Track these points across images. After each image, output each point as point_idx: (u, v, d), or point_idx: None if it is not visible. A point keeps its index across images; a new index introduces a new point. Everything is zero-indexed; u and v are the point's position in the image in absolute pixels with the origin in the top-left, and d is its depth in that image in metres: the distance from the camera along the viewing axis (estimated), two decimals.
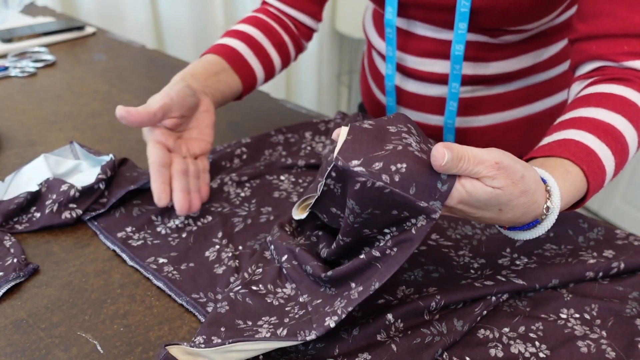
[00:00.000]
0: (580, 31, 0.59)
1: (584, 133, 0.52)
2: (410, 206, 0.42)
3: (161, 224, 0.62)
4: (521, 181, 0.42)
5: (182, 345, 0.44)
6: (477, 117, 0.80)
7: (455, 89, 0.76)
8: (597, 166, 0.50)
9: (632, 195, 1.88)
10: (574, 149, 0.50)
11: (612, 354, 0.46)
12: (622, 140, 0.52)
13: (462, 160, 0.41)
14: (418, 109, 0.82)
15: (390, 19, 0.74)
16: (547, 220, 0.46)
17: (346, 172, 0.42)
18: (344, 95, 2.42)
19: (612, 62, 0.57)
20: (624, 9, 0.56)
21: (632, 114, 0.54)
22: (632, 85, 0.56)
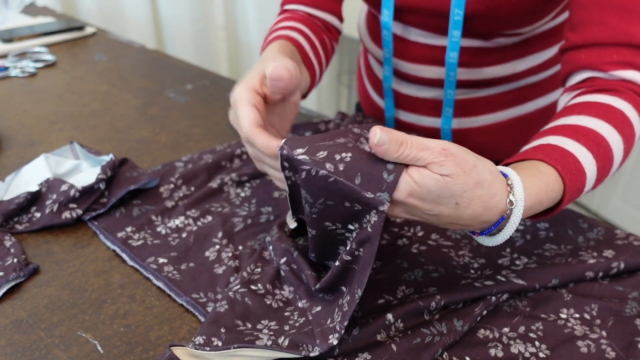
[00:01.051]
0: (570, 40, 0.59)
1: (563, 138, 0.50)
2: (356, 197, 0.41)
3: (161, 224, 0.62)
4: (473, 170, 0.41)
5: (187, 348, 0.44)
6: (471, 118, 0.80)
7: (450, 95, 0.76)
8: (574, 167, 0.48)
9: (632, 195, 1.88)
10: (549, 151, 0.49)
11: (612, 354, 0.46)
12: (604, 145, 0.51)
13: (403, 145, 0.39)
14: (413, 111, 0.83)
15: (386, 22, 0.74)
16: (513, 215, 0.43)
17: (292, 161, 0.42)
18: (343, 96, 2.42)
19: (601, 71, 0.56)
20: (613, 17, 0.55)
21: (617, 121, 0.52)
22: (620, 95, 0.55)
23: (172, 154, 0.77)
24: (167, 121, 0.85)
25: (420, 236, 0.60)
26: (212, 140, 0.80)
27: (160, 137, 0.81)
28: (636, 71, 0.55)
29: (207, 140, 0.80)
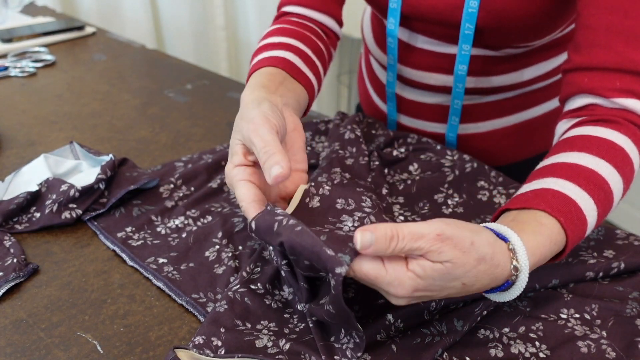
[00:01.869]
0: (573, 61, 0.57)
1: (564, 182, 0.49)
2: (317, 251, 0.39)
3: (161, 224, 0.62)
4: (472, 248, 0.40)
5: (191, 351, 0.44)
6: (476, 124, 0.80)
7: (457, 105, 0.75)
8: (576, 217, 0.47)
9: (632, 195, 1.88)
10: (551, 200, 0.47)
11: (612, 354, 0.46)
12: (605, 188, 0.50)
13: (393, 239, 0.38)
14: (417, 117, 0.82)
15: (392, 30, 0.73)
16: (519, 280, 0.44)
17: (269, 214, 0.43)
18: (343, 96, 2.42)
19: (602, 97, 0.55)
20: (620, 42, 0.53)
21: (617, 160, 0.51)
22: (620, 128, 0.53)
23: (172, 154, 0.77)
24: (167, 121, 0.85)
25: None
26: (212, 140, 0.80)
27: (160, 137, 0.81)
28: (637, 100, 0.54)
29: (207, 140, 0.80)
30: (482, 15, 0.64)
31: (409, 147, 0.73)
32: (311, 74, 0.64)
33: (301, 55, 0.64)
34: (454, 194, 0.66)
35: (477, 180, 0.68)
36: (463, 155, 0.70)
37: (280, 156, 0.44)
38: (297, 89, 0.60)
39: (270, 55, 0.62)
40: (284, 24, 0.70)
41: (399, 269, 0.40)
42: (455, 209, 0.64)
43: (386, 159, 0.71)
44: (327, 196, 0.47)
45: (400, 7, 0.70)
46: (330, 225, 0.44)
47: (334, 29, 0.74)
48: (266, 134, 0.46)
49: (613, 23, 0.54)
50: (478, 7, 0.64)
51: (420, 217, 0.63)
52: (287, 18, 0.72)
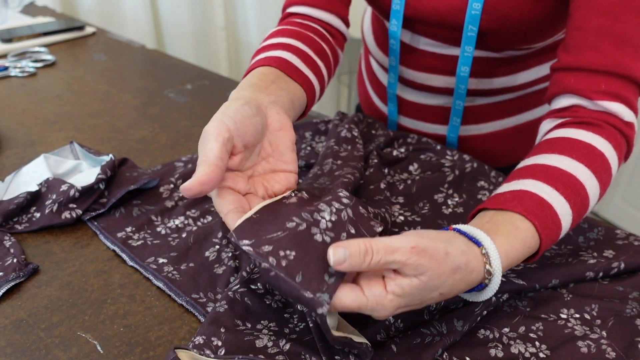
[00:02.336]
0: (562, 61, 0.57)
1: (542, 184, 0.49)
2: (296, 295, 0.40)
3: (161, 224, 0.62)
4: (447, 258, 0.40)
5: (192, 352, 0.44)
6: (477, 125, 0.80)
7: (459, 106, 0.75)
8: (551, 221, 0.48)
9: (632, 195, 1.88)
10: (527, 202, 0.48)
11: (612, 354, 0.46)
12: (582, 193, 0.50)
13: (368, 253, 0.38)
14: (418, 118, 0.82)
15: (395, 31, 0.73)
16: (492, 283, 0.44)
17: (238, 248, 0.42)
18: (343, 95, 2.42)
19: (587, 99, 0.55)
20: (608, 45, 0.54)
21: (596, 165, 0.52)
22: (602, 132, 0.54)
23: (172, 154, 0.77)
24: (167, 121, 0.85)
25: None
26: None
27: (160, 137, 0.81)
28: (621, 104, 0.55)
29: None
30: (485, 18, 0.64)
31: (409, 147, 0.73)
32: (311, 74, 0.62)
33: (301, 54, 0.62)
34: (454, 194, 0.66)
35: (477, 180, 0.68)
36: (463, 155, 0.70)
37: (201, 168, 0.42)
38: (293, 87, 0.57)
39: (267, 56, 0.60)
40: (286, 26, 0.68)
41: (379, 293, 0.40)
42: (455, 209, 0.64)
43: (386, 159, 0.71)
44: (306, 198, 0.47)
45: (403, 9, 0.70)
46: (307, 214, 0.44)
47: (340, 28, 0.73)
48: (210, 144, 0.44)
49: (603, 26, 0.54)
50: (481, 9, 0.64)
51: (420, 217, 0.63)
52: (291, 19, 0.71)
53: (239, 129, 0.45)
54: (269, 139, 0.49)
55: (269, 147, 0.49)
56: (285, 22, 0.71)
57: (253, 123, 0.46)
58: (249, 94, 0.50)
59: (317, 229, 0.43)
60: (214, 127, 0.44)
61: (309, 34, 0.67)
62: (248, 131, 0.46)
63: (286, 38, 0.64)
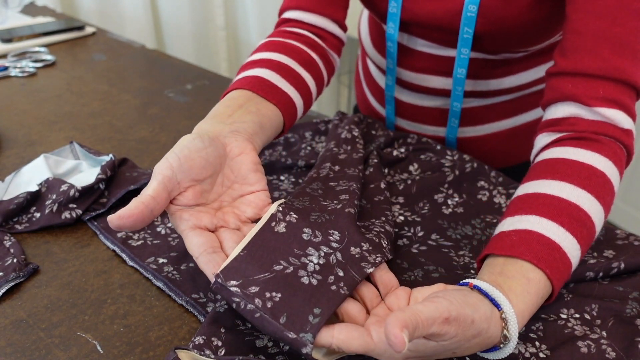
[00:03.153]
0: (559, 65, 0.56)
1: (547, 222, 0.48)
2: (280, 336, 0.40)
3: (161, 224, 0.62)
4: (472, 326, 0.40)
5: (192, 352, 0.44)
6: (474, 127, 0.80)
7: (457, 107, 0.75)
8: (561, 263, 0.47)
9: (632, 195, 1.88)
10: (536, 248, 0.46)
11: (612, 354, 0.46)
12: (588, 224, 0.49)
13: (417, 329, 0.36)
14: (415, 120, 0.82)
15: (392, 34, 0.73)
16: (507, 347, 0.43)
17: (224, 290, 0.43)
18: (343, 95, 2.42)
19: (585, 106, 0.54)
20: (606, 49, 0.53)
21: (599, 188, 0.50)
22: (601, 148, 0.53)
23: None
24: (167, 121, 0.85)
25: (420, 236, 0.60)
26: None
27: (160, 137, 0.81)
28: (620, 111, 0.54)
29: None
30: (480, 22, 0.64)
31: (409, 147, 0.73)
32: (291, 89, 0.61)
33: (281, 69, 0.62)
34: (454, 194, 0.66)
35: (477, 180, 0.68)
36: (463, 156, 0.70)
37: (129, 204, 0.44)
38: (263, 108, 0.57)
39: (244, 76, 0.60)
40: (276, 37, 0.68)
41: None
42: (455, 209, 0.64)
43: (386, 159, 0.71)
44: (294, 224, 0.47)
45: (400, 12, 0.70)
46: (295, 258, 0.45)
47: (336, 32, 0.72)
48: (151, 183, 0.46)
49: (601, 29, 0.53)
50: (477, 12, 0.64)
51: (420, 217, 0.63)
52: (283, 28, 0.71)
53: (182, 165, 0.46)
54: (230, 166, 0.50)
55: (231, 174, 0.50)
56: (275, 32, 0.70)
57: (202, 155, 0.47)
58: (208, 127, 0.51)
59: (304, 272, 0.44)
60: (158, 165, 0.46)
61: (297, 45, 0.66)
62: (195, 165, 0.47)
63: (270, 52, 0.64)
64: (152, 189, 0.44)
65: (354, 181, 0.59)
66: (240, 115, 0.54)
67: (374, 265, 0.46)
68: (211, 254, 0.45)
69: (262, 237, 0.46)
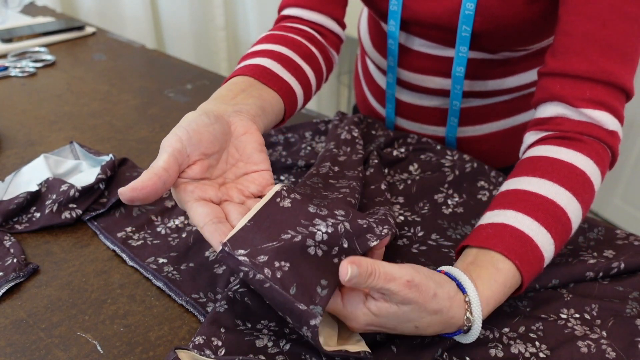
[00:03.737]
0: (548, 65, 0.57)
1: (522, 217, 0.49)
2: (290, 307, 0.41)
3: (161, 224, 0.62)
4: (433, 300, 0.41)
5: (192, 352, 0.44)
6: (475, 127, 0.80)
7: (456, 106, 0.75)
8: (533, 255, 0.48)
9: (632, 195, 1.88)
10: (508, 240, 0.47)
11: (612, 354, 0.46)
12: (563, 220, 0.50)
13: (371, 276, 0.39)
14: (415, 120, 0.82)
15: (393, 32, 0.73)
16: (472, 331, 0.44)
17: (231, 259, 0.42)
18: (343, 95, 2.42)
19: (571, 107, 0.55)
20: (595, 51, 0.54)
21: (578, 186, 0.51)
22: (583, 148, 0.53)
23: None
24: (167, 121, 0.85)
25: (420, 236, 0.60)
26: None
27: (160, 137, 0.81)
28: (606, 112, 0.54)
29: None
30: (478, 20, 0.65)
31: (409, 147, 0.73)
32: (292, 79, 0.62)
33: (282, 60, 0.62)
34: (454, 194, 0.66)
35: (477, 180, 0.68)
36: (463, 155, 0.70)
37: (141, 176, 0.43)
38: (265, 94, 0.57)
39: (245, 64, 0.61)
40: (275, 31, 0.69)
41: (356, 303, 0.42)
42: (455, 209, 0.64)
43: (386, 159, 0.71)
44: (299, 200, 0.47)
45: (400, 10, 0.70)
46: (303, 228, 0.44)
47: (335, 30, 0.73)
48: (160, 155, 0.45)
49: (590, 31, 0.54)
50: (475, 10, 0.64)
51: (420, 217, 0.63)
52: (283, 24, 0.71)
53: (191, 138, 0.46)
54: (235, 145, 0.50)
55: (235, 153, 0.50)
56: (276, 27, 0.71)
57: (210, 131, 0.47)
58: (211, 106, 0.51)
59: (312, 241, 0.43)
60: (167, 139, 0.46)
61: (297, 38, 0.67)
62: (203, 139, 0.47)
63: (271, 44, 0.65)
64: (163, 161, 0.44)
65: (354, 180, 0.59)
66: (243, 98, 0.54)
67: (379, 237, 0.46)
68: (217, 224, 0.44)
69: (268, 210, 0.45)
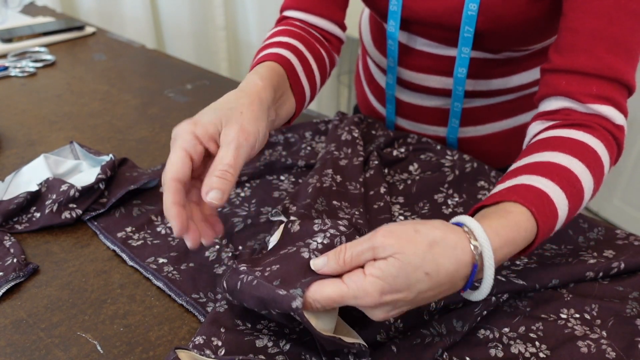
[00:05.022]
0: (554, 62, 0.57)
1: (537, 177, 0.49)
2: (272, 296, 0.41)
3: (161, 224, 0.62)
4: (417, 235, 0.40)
5: (192, 352, 0.44)
6: (475, 127, 0.80)
7: (457, 107, 0.75)
8: (548, 208, 0.47)
9: (632, 195, 1.88)
10: (523, 192, 0.47)
11: (612, 354, 0.46)
12: (577, 185, 0.50)
13: (341, 251, 0.40)
14: (415, 120, 0.82)
15: (393, 32, 0.73)
16: (485, 260, 0.42)
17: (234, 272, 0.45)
18: (344, 95, 2.42)
19: (578, 102, 0.55)
20: (602, 48, 0.54)
21: (590, 160, 0.52)
22: (593, 132, 0.54)
23: None
24: (167, 121, 0.85)
25: None
26: None
27: (160, 137, 0.81)
28: (612, 107, 0.55)
29: None
30: (481, 20, 0.64)
31: (409, 147, 0.73)
32: (307, 83, 0.63)
33: (303, 61, 0.63)
34: (454, 194, 0.66)
35: (477, 180, 0.68)
36: (463, 155, 0.70)
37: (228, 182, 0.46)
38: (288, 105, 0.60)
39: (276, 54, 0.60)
40: (288, 26, 0.69)
41: (357, 278, 0.40)
42: (455, 209, 0.64)
43: (386, 159, 0.71)
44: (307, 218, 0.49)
45: (400, 10, 0.70)
46: (301, 242, 0.46)
47: (337, 33, 0.73)
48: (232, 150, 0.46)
49: (597, 28, 0.54)
50: (477, 10, 0.64)
51: (420, 217, 0.63)
52: (289, 22, 0.71)
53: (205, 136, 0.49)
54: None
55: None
56: (285, 24, 0.71)
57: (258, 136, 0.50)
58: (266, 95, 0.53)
59: (306, 249, 0.45)
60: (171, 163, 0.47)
61: (310, 39, 0.67)
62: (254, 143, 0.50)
63: (292, 39, 0.65)
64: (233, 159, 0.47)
65: (355, 207, 0.60)
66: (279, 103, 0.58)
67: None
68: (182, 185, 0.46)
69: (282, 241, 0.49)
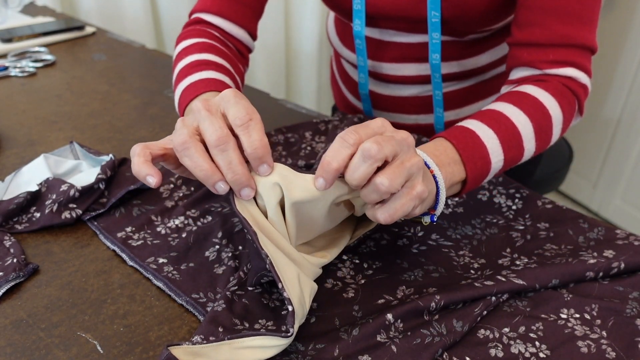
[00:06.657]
0: (515, 37, 0.64)
1: (471, 120, 0.57)
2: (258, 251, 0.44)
3: (161, 224, 0.62)
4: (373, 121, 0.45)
5: (184, 345, 0.44)
6: (455, 111, 0.82)
7: (439, 96, 0.77)
8: (469, 136, 0.54)
9: (632, 195, 1.88)
10: (451, 131, 0.55)
11: (612, 354, 0.46)
12: (513, 130, 0.57)
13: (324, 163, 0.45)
14: (394, 111, 0.83)
15: (359, 31, 0.74)
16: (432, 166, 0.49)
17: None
18: None
19: (538, 69, 0.63)
20: (553, 20, 0.61)
21: (533, 111, 0.58)
22: (546, 85, 0.61)
23: None
24: (167, 121, 0.85)
25: (420, 236, 0.60)
26: None
27: (160, 137, 0.81)
28: (570, 67, 0.62)
29: None
30: (444, 6, 0.67)
31: None
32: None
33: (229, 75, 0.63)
34: None
35: None
36: None
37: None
38: None
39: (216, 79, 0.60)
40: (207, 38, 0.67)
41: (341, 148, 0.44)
42: (455, 209, 0.64)
43: None
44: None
45: (364, 8, 0.71)
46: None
47: (248, 43, 0.74)
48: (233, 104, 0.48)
49: (546, 3, 0.60)
50: None
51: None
52: (201, 28, 0.70)
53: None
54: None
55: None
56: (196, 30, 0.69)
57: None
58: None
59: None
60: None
61: (226, 51, 0.68)
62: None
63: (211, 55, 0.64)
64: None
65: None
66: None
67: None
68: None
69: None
